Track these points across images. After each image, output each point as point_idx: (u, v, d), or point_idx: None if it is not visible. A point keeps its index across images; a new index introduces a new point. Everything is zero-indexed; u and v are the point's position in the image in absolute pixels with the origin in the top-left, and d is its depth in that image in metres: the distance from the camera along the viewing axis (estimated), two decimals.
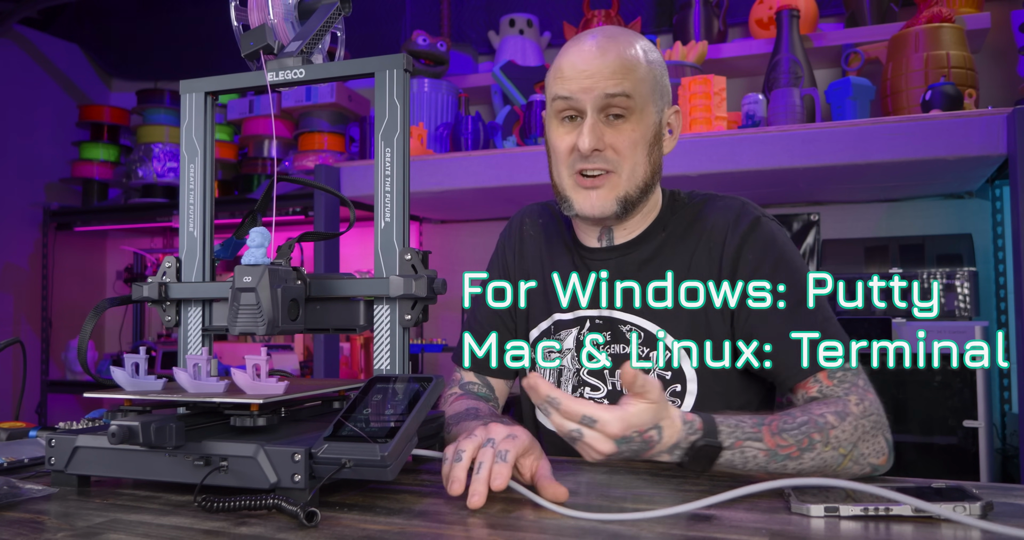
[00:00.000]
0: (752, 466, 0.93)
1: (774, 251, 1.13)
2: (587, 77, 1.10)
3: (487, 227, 3.19)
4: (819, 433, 0.95)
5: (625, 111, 1.11)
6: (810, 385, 1.07)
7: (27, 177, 3.52)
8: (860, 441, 0.98)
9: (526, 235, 1.32)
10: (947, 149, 2.01)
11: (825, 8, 2.76)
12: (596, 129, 1.10)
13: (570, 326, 1.22)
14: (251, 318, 0.87)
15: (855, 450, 0.97)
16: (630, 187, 1.13)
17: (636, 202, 1.15)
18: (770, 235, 1.15)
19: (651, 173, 1.15)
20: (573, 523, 0.76)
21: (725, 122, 2.33)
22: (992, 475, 2.13)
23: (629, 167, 1.12)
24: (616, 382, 1.18)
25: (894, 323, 2.19)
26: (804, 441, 0.95)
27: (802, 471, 0.95)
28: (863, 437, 0.98)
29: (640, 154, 1.13)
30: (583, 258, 1.24)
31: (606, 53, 1.10)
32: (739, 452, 0.92)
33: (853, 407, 1.00)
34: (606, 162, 1.12)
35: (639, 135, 1.12)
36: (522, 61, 2.88)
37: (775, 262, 1.13)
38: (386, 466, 0.78)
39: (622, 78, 1.09)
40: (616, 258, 1.21)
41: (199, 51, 3.67)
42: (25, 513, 0.81)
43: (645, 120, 1.12)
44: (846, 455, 0.97)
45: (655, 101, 1.14)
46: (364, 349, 2.94)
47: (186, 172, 1.07)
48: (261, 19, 1.02)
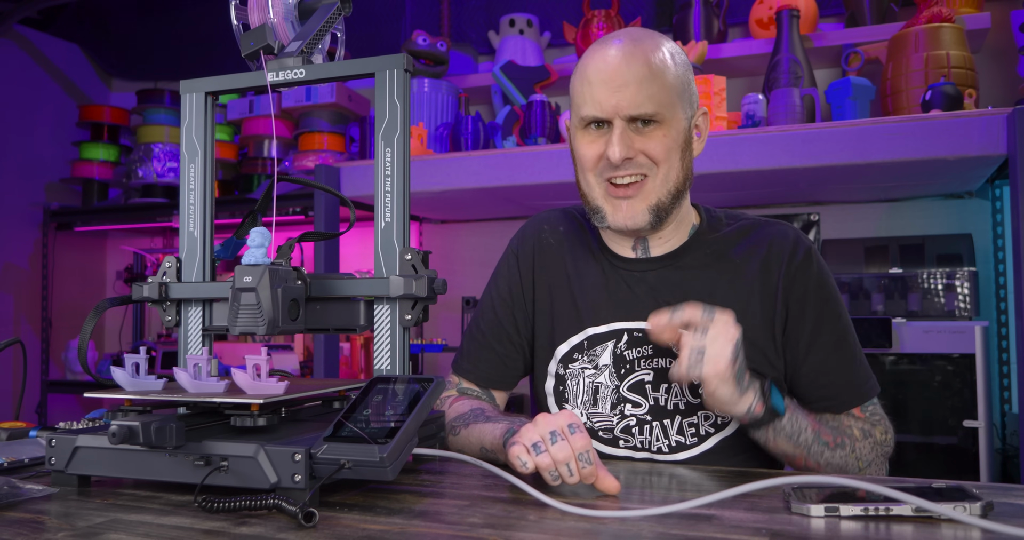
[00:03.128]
0: (802, 439, 1.06)
1: (825, 283, 1.17)
2: (616, 89, 1.07)
3: (487, 227, 3.19)
4: (850, 439, 1.10)
5: (655, 120, 1.09)
6: (846, 418, 1.17)
7: (27, 177, 3.52)
8: (875, 462, 1.12)
9: (545, 244, 1.26)
10: (947, 149, 2.01)
11: (825, 8, 2.76)
12: (625, 137, 1.08)
13: (605, 340, 1.17)
14: (251, 318, 0.87)
15: (870, 468, 1.11)
16: (662, 194, 1.10)
17: (668, 210, 1.12)
18: (821, 268, 1.17)
19: (683, 178, 1.12)
20: (573, 523, 0.76)
21: (725, 122, 2.33)
22: (992, 475, 2.13)
23: (663, 172, 1.10)
24: (659, 397, 1.14)
25: (894, 323, 2.19)
26: (839, 438, 1.09)
27: (830, 463, 1.08)
28: (877, 460, 1.12)
29: (674, 158, 1.10)
30: (616, 268, 1.20)
31: (633, 61, 1.08)
32: (793, 419, 1.05)
33: (879, 434, 1.14)
34: (638, 167, 1.10)
35: (671, 140, 1.09)
36: (522, 61, 2.88)
37: (825, 298, 1.16)
38: (386, 467, 0.78)
39: (649, 91, 1.07)
40: (658, 269, 1.18)
41: (199, 51, 3.67)
42: (25, 513, 0.81)
43: (676, 125, 1.10)
44: (861, 469, 1.10)
45: (684, 106, 1.11)
46: (364, 349, 2.94)
47: (186, 172, 1.07)
48: (261, 19, 1.02)
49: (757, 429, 1.04)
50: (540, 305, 1.24)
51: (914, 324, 2.19)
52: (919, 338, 2.18)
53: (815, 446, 1.07)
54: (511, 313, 1.25)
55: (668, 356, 1.14)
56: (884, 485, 0.77)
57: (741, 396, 0.99)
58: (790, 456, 1.08)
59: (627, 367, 1.16)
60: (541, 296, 1.24)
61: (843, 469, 1.08)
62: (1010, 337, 2.47)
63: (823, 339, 1.14)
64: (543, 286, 1.24)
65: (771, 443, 1.06)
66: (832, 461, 1.08)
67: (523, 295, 1.25)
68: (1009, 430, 2.40)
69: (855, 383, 1.15)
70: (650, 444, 1.14)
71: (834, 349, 1.14)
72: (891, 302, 2.32)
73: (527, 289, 1.25)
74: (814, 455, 1.07)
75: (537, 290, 1.24)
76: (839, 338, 1.15)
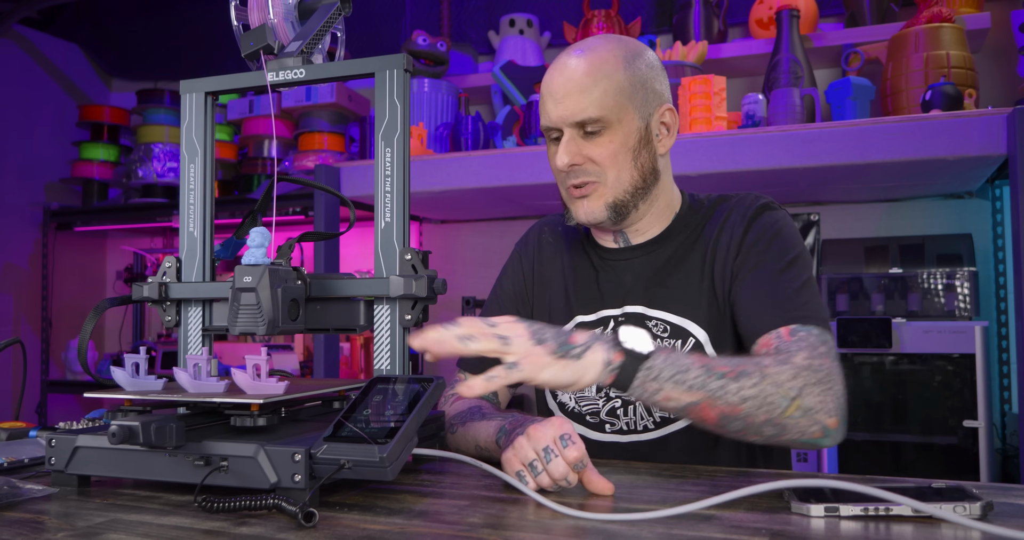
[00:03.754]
0: (692, 379, 0.90)
1: (773, 230, 1.15)
2: (559, 100, 1.14)
3: (487, 227, 3.19)
4: (756, 367, 0.93)
5: (598, 126, 1.13)
6: (771, 340, 1.05)
7: (27, 177, 3.52)
8: (806, 391, 0.93)
9: (544, 243, 1.34)
10: (947, 149, 2.01)
11: (825, 8, 2.76)
12: (571, 146, 1.14)
13: (593, 327, 1.21)
14: (251, 318, 0.87)
15: (802, 398, 0.93)
16: (618, 193, 1.16)
17: (629, 206, 1.17)
18: (774, 220, 1.17)
19: (640, 176, 1.17)
20: (573, 523, 0.76)
21: (725, 122, 2.32)
22: (992, 475, 2.13)
23: (613, 175, 1.15)
24: None
25: (894, 323, 2.19)
26: (741, 367, 0.93)
27: (746, 399, 0.91)
28: (809, 387, 0.93)
29: (623, 161, 1.15)
30: (605, 259, 1.26)
31: (576, 71, 1.13)
32: (671, 359, 0.90)
33: (796, 358, 0.97)
34: (587, 174, 1.16)
35: (617, 145, 1.14)
36: (522, 61, 2.88)
37: (771, 238, 1.15)
38: (386, 467, 0.78)
39: (591, 96, 1.12)
40: (640, 257, 1.23)
41: (199, 51, 3.67)
42: (25, 513, 0.81)
43: (623, 129, 1.14)
44: (793, 399, 0.92)
45: (636, 107, 1.15)
46: (364, 349, 2.94)
47: (186, 172, 1.07)
48: (261, 19, 1.02)
49: (630, 384, 0.90)
50: (539, 300, 1.31)
51: (914, 324, 2.19)
52: (919, 338, 2.18)
53: (713, 382, 0.91)
54: (515, 308, 1.31)
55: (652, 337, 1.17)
56: (884, 485, 0.77)
57: (582, 358, 0.88)
58: (695, 407, 0.92)
59: None
60: (540, 292, 1.31)
61: (765, 402, 0.92)
62: (1010, 337, 2.47)
63: (762, 271, 1.12)
64: (542, 282, 1.31)
65: (662, 397, 0.91)
66: (744, 394, 0.91)
67: (525, 291, 1.32)
68: (1009, 430, 2.40)
69: (787, 307, 1.07)
70: (636, 424, 1.18)
71: (772, 277, 1.10)
72: (891, 302, 2.32)
73: (529, 285, 1.32)
74: (719, 394, 0.91)
75: (537, 287, 1.31)
76: (780, 270, 1.11)
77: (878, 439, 2.19)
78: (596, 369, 0.89)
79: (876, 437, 2.19)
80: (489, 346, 0.87)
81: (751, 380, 0.92)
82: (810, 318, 1.05)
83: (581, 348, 0.88)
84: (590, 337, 0.90)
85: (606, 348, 0.89)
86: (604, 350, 0.89)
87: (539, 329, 0.89)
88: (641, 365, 0.89)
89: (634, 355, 0.89)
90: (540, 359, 0.87)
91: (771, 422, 0.93)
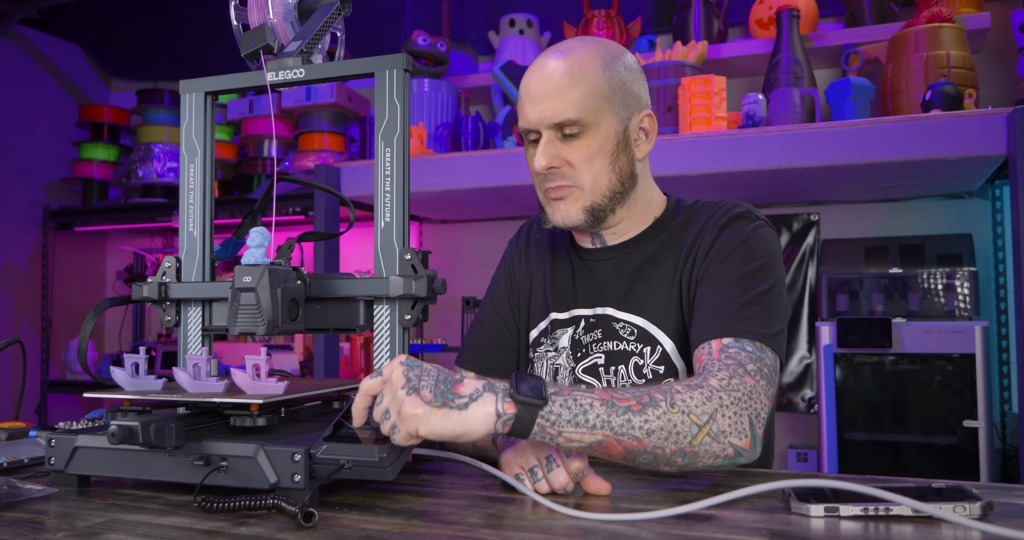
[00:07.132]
0: (594, 419, 0.84)
1: (739, 239, 1.13)
2: (537, 101, 1.13)
3: (487, 227, 3.19)
4: (660, 394, 0.88)
5: (576, 128, 1.12)
6: (702, 355, 1.02)
7: (27, 177, 3.52)
8: (719, 414, 0.89)
9: (532, 239, 1.35)
10: (947, 149, 2.01)
11: (825, 8, 2.76)
12: (549, 148, 1.14)
13: (566, 325, 1.24)
14: (251, 318, 0.87)
15: (713, 423, 0.88)
16: (595, 197, 1.15)
17: (606, 209, 1.17)
18: (742, 229, 1.14)
19: (618, 181, 1.16)
20: (572, 523, 0.76)
21: (725, 122, 2.33)
22: (992, 475, 2.13)
23: (589, 179, 1.14)
24: (611, 379, 1.19)
25: (894, 323, 2.19)
26: (644, 397, 0.87)
27: (651, 432, 0.85)
28: (721, 410, 0.89)
29: (600, 165, 1.14)
30: (583, 260, 1.26)
31: (554, 73, 1.13)
32: (569, 402, 0.84)
33: (713, 380, 0.92)
34: (564, 178, 1.15)
35: (595, 148, 1.13)
36: (522, 61, 2.88)
37: (734, 248, 1.12)
38: (385, 467, 0.78)
39: (570, 98, 1.11)
40: (615, 258, 1.23)
41: (199, 51, 3.67)
42: (25, 513, 0.81)
43: (601, 132, 1.13)
44: (702, 426, 0.87)
45: (615, 111, 1.14)
46: (364, 349, 2.94)
47: (186, 172, 1.07)
48: (261, 19, 1.02)
49: (529, 433, 0.84)
50: (524, 295, 1.32)
51: (914, 324, 2.19)
52: (919, 338, 2.18)
53: (616, 419, 0.85)
54: (507, 303, 1.32)
55: (615, 340, 1.19)
56: (884, 485, 0.77)
57: (466, 409, 0.82)
58: (600, 445, 0.86)
59: (583, 351, 1.21)
60: (525, 287, 1.32)
61: (672, 433, 0.86)
62: (1010, 337, 2.47)
63: (715, 281, 1.10)
64: (528, 278, 1.32)
65: (563, 440, 0.85)
66: (650, 427, 0.85)
67: (516, 286, 1.33)
68: (1009, 430, 2.41)
69: (725, 321, 1.03)
70: None
71: (721, 289, 1.08)
72: (891, 302, 2.32)
73: (518, 280, 1.33)
74: (622, 430, 0.85)
75: (524, 281, 1.33)
76: (732, 281, 1.08)
77: (878, 439, 2.19)
78: (487, 422, 0.82)
79: (876, 437, 2.19)
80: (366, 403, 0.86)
81: (657, 411, 0.86)
82: (748, 333, 1.01)
83: (466, 399, 0.82)
84: (482, 386, 0.84)
85: (495, 399, 0.83)
86: (493, 401, 0.83)
87: (419, 374, 0.83)
88: (538, 413, 0.83)
89: (528, 404, 0.83)
90: (414, 409, 0.80)
91: (680, 452, 0.87)
